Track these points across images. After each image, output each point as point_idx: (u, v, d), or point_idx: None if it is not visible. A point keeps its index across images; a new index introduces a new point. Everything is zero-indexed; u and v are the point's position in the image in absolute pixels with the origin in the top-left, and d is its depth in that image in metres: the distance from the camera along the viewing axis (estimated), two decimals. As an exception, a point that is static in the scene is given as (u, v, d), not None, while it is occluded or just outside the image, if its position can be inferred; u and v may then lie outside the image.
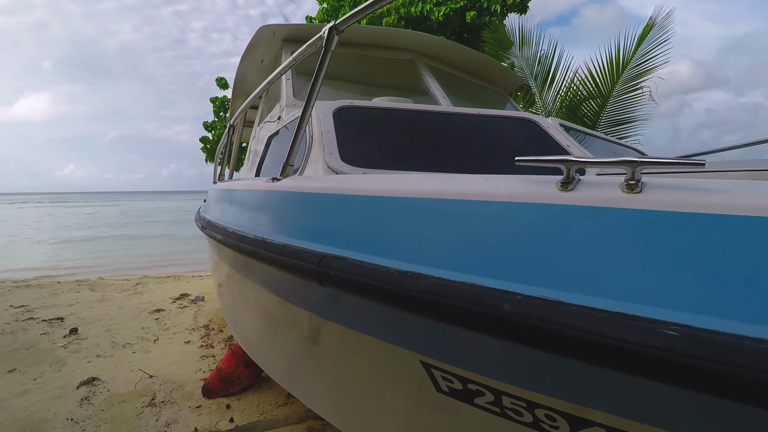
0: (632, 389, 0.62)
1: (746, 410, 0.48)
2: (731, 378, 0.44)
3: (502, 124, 1.91)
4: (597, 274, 0.61)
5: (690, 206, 0.59)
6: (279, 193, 1.38)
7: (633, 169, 0.65)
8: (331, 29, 1.29)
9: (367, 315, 1.01)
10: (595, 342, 0.53)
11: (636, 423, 0.65)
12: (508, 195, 0.75)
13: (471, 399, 0.89)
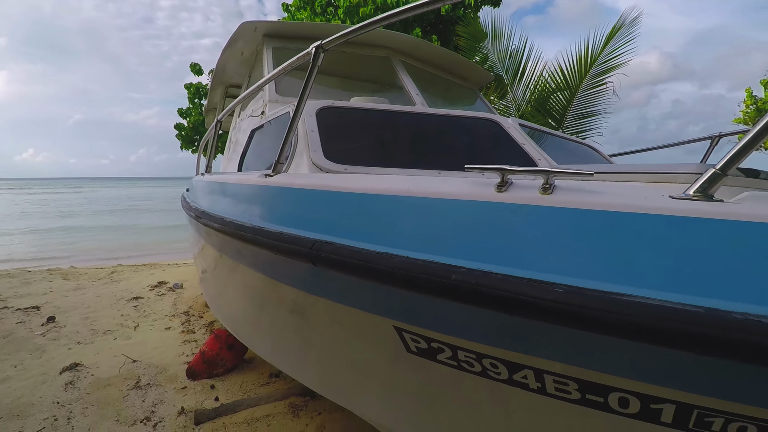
0: (542, 333, 0.84)
1: (608, 340, 0.71)
2: (597, 317, 0.67)
3: (468, 123, 2.11)
4: (519, 252, 0.83)
5: (581, 204, 0.82)
6: (273, 188, 1.53)
7: (547, 176, 0.88)
8: (318, 48, 1.44)
9: (350, 289, 1.19)
10: (513, 298, 0.75)
11: (540, 359, 0.89)
12: (459, 194, 0.97)
13: (434, 356, 1.08)
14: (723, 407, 0.74)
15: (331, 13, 7.14)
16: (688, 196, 0.77)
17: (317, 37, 3.22)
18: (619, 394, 0.82)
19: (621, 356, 0.78)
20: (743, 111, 9.74)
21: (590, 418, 0.90)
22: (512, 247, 0.83)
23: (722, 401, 0.73)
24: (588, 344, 0.78)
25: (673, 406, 0.78)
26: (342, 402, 1.66)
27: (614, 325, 0.66)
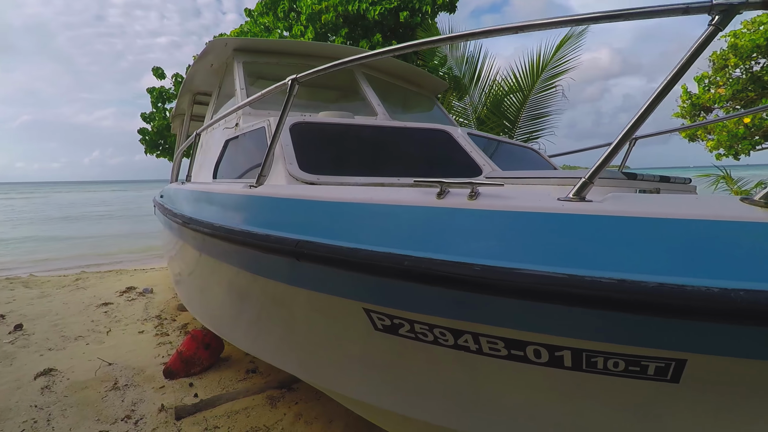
0: (471, 303, 1.09)
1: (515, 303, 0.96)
2: (502, 285, 0.93)
3: (424, 134, 2.39)
4: (453, 242, 1.07)
5: (495, 206, 1.08)
6: (257, 197, 1.76)
7: (473, 186, 1.14)
8: (293, 81, 1.66)
9: (326, 279, 1.40)
10: (448, 277, 1.00)
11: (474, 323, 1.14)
12: (409, 201, 1.23)
13: (396, 331, 1.30)
14: (600, 348, 1.00)
15: (294, 18, 7.28)
16: (568, 198, 1.04)
17: (283, 51, 3.41)
18: (533, 346, 1.06)
19: (528, 315, 1.02)
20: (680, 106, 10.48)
21: (516, 370, 1.15)
22: (448, 239, 1.08)
23: (598, 343, 0.99)
24: (504, 308, 1.03)
25: (569, 351, 1.02)
26: (321, 382, 1.85)
27: (512, 290, 0.92)
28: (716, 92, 9.98)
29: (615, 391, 1.06)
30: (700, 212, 0.89)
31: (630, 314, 0.85)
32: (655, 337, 0.92)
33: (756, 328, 0.79)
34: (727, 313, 0.75)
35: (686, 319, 0.79)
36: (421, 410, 1.44)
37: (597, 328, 0.95)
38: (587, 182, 1.02)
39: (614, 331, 0.94)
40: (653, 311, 0.80)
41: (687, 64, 0.94)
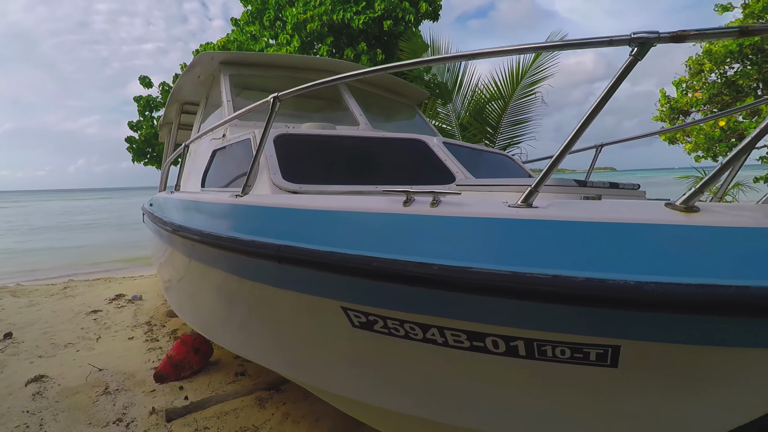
0: (435, 299, 1.20)
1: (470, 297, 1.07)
2: (455, 282, 1.05)
3: (401, 143, 2.53)
4: (416, 245, 1.19)
5: (454, 213, 1.20)
6: (244, 206, 1.87)
7: (434, 195, 1.26)
8: (275, 99, 1.77)
9: (306, 280, 1.51)
10: (412, 276, 1.12)
11: (440, 318, 1.25)
12: (379, 208, 1.35)
13: (372, 327, 1.42)
14: (546, 337, 1.13)
15: (279, 27, 7.40)
16: (516, 205, 1.16)
17: (268, 63, 3.53)
18: (491, 338, 1.18)
19: (481, 308, 1.14)
20: (659, 110, 10.76)
21: (479, 361, 1.27)
22: (412, 242, 1.20)
23: (544, 332, 1.12)
24: (461, 303, 1.15)
25: (522, 341, 1.15)
26: (306, 380, 1.95)
27: (466, 286, 1.04)
28: (693, 96, 10.29)
29: (565, 377, 1.19)
30: (628, 216, 1.02)
31: (563, 305, 0.97)
32: (588, 326, 1.04)
33: (670, 316, 0.92)
34: (641, 303, 0.88)
35: (609, 308, 0.92)
36: (397, 402, 1.56)
37: (539, 318, 1.07)
38: (533, 190, 1.15)
39: (554, 322, 1.07)
40: (582, 302, 0.93)
41: (612, 89, 1.08)
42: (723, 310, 0.85)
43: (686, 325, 0.95)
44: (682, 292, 0.86)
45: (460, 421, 1.45)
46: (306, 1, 6.84)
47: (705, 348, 1.00)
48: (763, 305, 0.82)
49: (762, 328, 0.91)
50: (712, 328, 0.94)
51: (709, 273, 0.87)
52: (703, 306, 0.85)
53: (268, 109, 1.77)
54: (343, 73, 3.47)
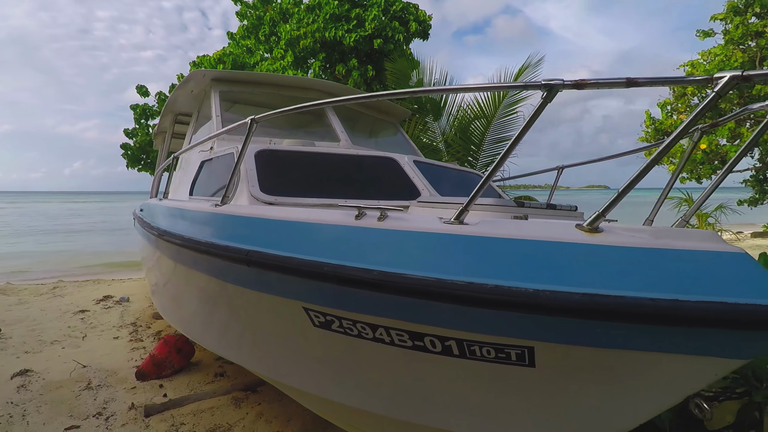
0: (382, 301, 1.35)
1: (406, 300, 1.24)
2: (393, 286, 1.21)
3: (374, 161, 2.73)
4: (363, 255, 1.36)
5: (397, 227, 1.38)
6: (221, 215, 2.06)
7: (382, 211, 1.43)
8: (253, 120, 1.95)
9: (272, 282, 1.68)
10: (358, 280, 1.28)
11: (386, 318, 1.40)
12: (335, 221, 1.53)
13: (330, 326, 1.58)
14: (472, 338, 1.28)
15: (274, 42, 7.65)
16: (449, 221, 1.35)
17: (256, 81, 3.74)
18: (429, 337, 1.34)
19: (413, 309, 1.30)
20: (644, 131, 11.06)
21: (420, 359, 1.43)
22: (360, 251, 1.38)
23: (468, 333, 1.27)
24: (397, 305, 1.31)
25: (454, 341, 1.31)
26: (275, 377, 2.11)
27: (398, 289, 1.21)
28: (678, 118, 10.61)
29: (492, 375, 1.35)
30: (540, 234, 1.21)
31: (478, 308, 1.15)
32: (502, 328, 1.21)
33: (566, 320, 1.09)
34: (539, 308, 1.05)
35: (515, 312, 1.10)
36: (352, 397, 1.72)
37: (461, 320, 1.24)
38: (464, 209, 1.33)
39: (475, 323, 1.23)
40: (491, 306, 1.11)
41: (527, 127, 1.27)
42: (604, 316, 1.03)
43: (581, 329, 1.12)
44: (568, 300, 1.04)
45: (405, 416, 1.61)
46: (299, 18, 7.10)
47: (603, 351, 1.16)
48: (638, 313, 0.99)
49: (639, 333, 1.08)
50: (602, 332, 1.11)
51: (598, 284, 1.05)
52: (587, 312, 1.03)
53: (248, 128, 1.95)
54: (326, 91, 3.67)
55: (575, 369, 1.25)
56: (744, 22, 9.07)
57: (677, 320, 0.95)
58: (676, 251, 1.04)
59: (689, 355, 1.05)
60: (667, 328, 0.99)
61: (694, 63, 10.11)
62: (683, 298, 0.95)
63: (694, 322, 0.95)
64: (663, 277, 1.01)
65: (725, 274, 0.98)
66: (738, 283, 0.96)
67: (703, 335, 0.99)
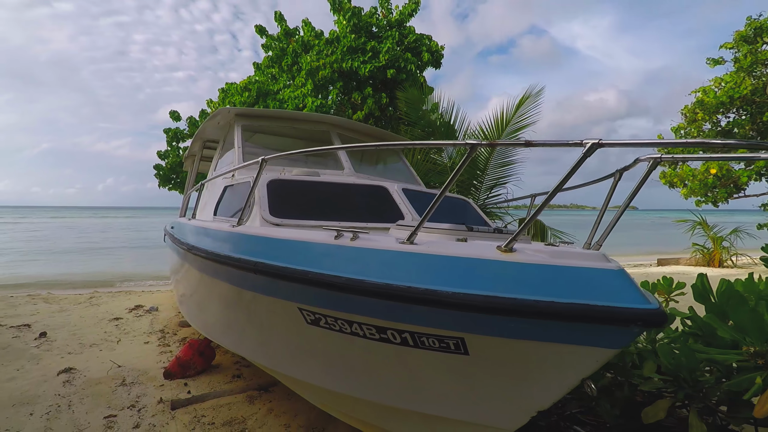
0: (353, 302, 1.70)
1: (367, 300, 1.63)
2: (353, 288, 1.62)
3: (368, 189, 3.12)
4: (337, 266, 1.72)
5: (363, 245, 1.76)
6: (237, 234, 2.49)
7: (355, 233, 1.82)
8: (263, 160, 2.39)
9: (274, 286, 2.07)
10: (334, 284, 1.67)
11: (359, 315, 1.73)
12: (319, 240, 1.91)
13: (318, 323, 1.94)
14: (420, 330, 1.61)
15: (296, 71, 8.26)
16: (402, 241, 1.70)
17: (273, 116, 4.24)
18: (391, 331, 1.69)
19: (374, 308, 1.64)
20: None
21: (386, 350, 1.76)
22: (335, 263, 1.75)
23: (416, 326, 1.60)
24: (362, 304, 1.67)
25: (408, 334, 1.65)
26: (280, 369, 2.47)
27: (361, 291, 1.58)
28: (692, 142, 10.64)
29: (439, 361, 1.68)
30: (466, 253, 1.56)
31: (415, 305, 1.50)
32: (436, 321, 1.55)
33: (482, 316, 1.43)
34: (456, 305, 1.41)
35: (441, 308, 1.45)
36: (338, 383, 2.08)
37: (407, 315, 1.60)
38: (414, 232, 1.69)
39: (416, 318, 1.58)
40: (423, 304, 1.47)
41: (453, 177, 1.62)
42: (503, 312, 1.37)
43: (492, 323, 1.45)
44: (472, 300, 1.40)
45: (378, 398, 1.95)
46: (319, 50, 7.70)
47: (516, 341, 1.49)
48: (526, 310, 1.33)
49: (536, 326, 1.39)
50: (512, 326, 1.43)
51: (502, 290, 1.40)
52: (490, 309, 1.38)
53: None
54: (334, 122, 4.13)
55: (499, 356, 1.56)
56: (753, 50, 9.23)
57: (553, 316, 1.29)
58: (565, 267, 1.38)
59: (578, 345, 1.38)
60: (552, 321, 1.33)
61: (706, 89, 10.27)
62: (561, 300, 1.29)
63: (566, 318, 1.28)
64: (551, 285, 1.35)
65: (600, 285, 1.32)
66: (608, 291, 1.30)
67: (582, 329, 1.32)
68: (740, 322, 1.62)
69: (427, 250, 1.61)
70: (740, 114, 10.15)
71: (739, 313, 1.61)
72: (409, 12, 7.99)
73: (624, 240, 31.78)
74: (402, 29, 7.86)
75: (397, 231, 2.20)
